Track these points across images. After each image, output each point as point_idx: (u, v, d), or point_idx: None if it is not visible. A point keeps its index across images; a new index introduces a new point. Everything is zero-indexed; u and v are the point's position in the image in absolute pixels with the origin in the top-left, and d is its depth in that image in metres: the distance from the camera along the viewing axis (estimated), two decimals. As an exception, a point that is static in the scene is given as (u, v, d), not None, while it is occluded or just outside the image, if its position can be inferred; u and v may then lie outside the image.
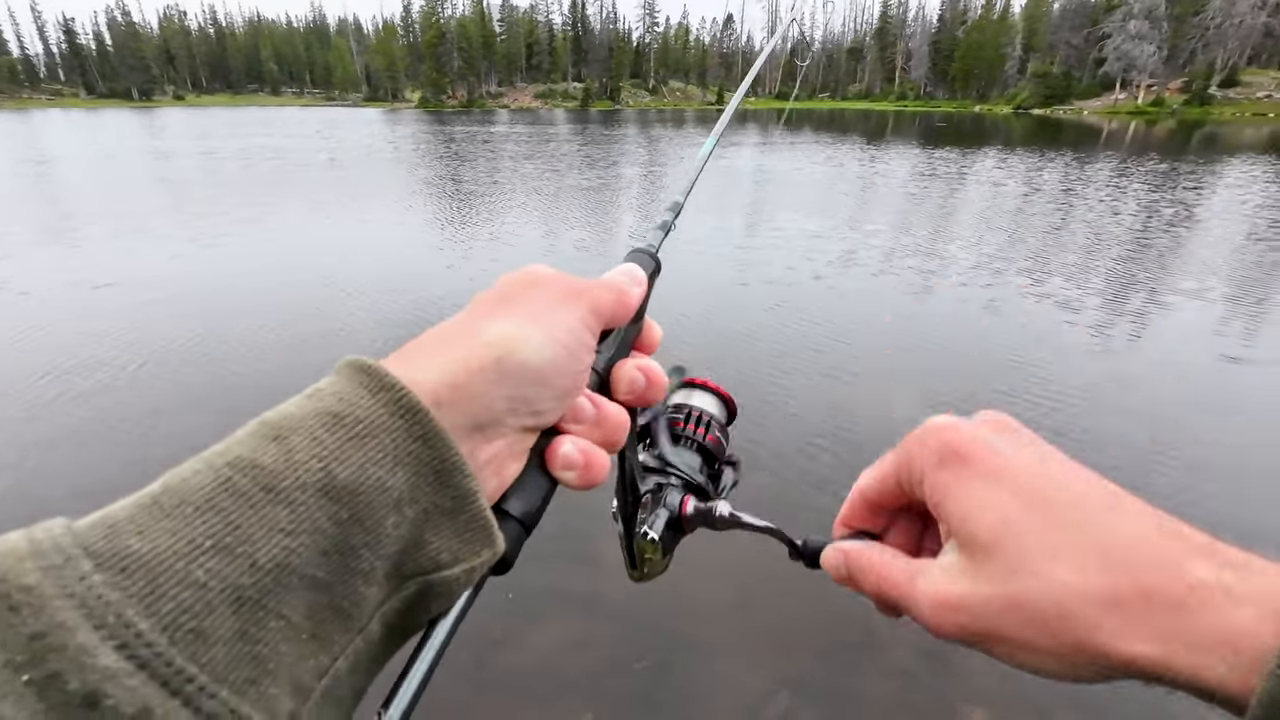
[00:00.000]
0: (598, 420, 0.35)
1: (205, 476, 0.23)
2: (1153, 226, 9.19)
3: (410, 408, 0.27)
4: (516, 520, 0.32)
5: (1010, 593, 0.27)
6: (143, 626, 0.19)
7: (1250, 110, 53.36)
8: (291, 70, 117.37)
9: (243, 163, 16.92)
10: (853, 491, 0.38)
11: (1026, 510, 0.29)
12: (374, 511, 0.25)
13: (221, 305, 5.65)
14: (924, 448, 0.33)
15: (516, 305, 0.33)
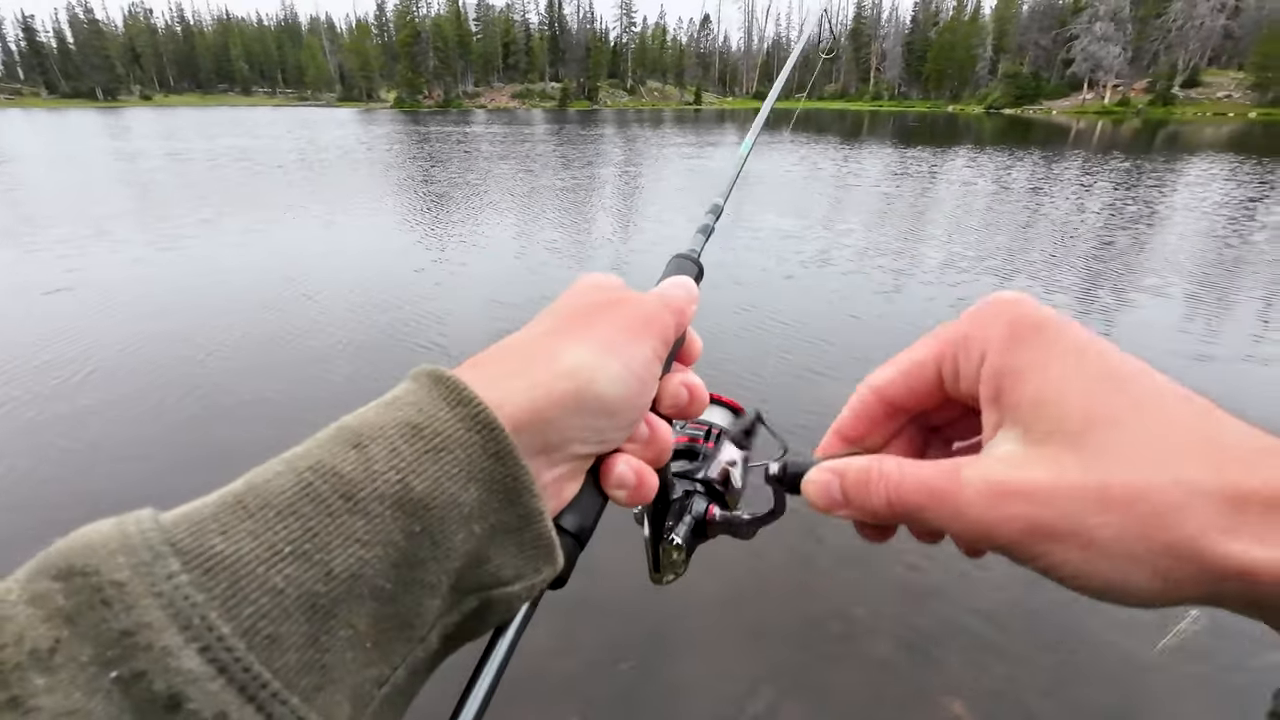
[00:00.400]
0: (650, 441, 0.35)
1: (287, 479, 0.23)
2: (1116, 224, 9.43)
3: (487, 424, 0.27)
4: (572, 536, 0.33)
5: (1107, 482, 0.24)
6: (225, 630, 0.20)
7: (1211, 110, 55.00)
8: (263, 69, 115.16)
9: (209, 164, 16.54)
10: (859, 393, 0.34)
11: (1123, 395, 0.25)
12: (445, 526, 0.25)
13: (179, 310, 5.53)
14: (990, 323, 0.29)
15: (594, 329, 0.33)
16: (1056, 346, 0.27)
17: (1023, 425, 0.27)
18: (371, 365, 4.47)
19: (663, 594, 2.51)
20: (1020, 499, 0.25)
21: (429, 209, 10.68)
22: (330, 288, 6.13)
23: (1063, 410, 0.25)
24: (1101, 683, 2.15)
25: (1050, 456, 0.25)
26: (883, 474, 0.29)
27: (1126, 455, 0.24)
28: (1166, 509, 0.23)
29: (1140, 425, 0.24)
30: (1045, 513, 0.24)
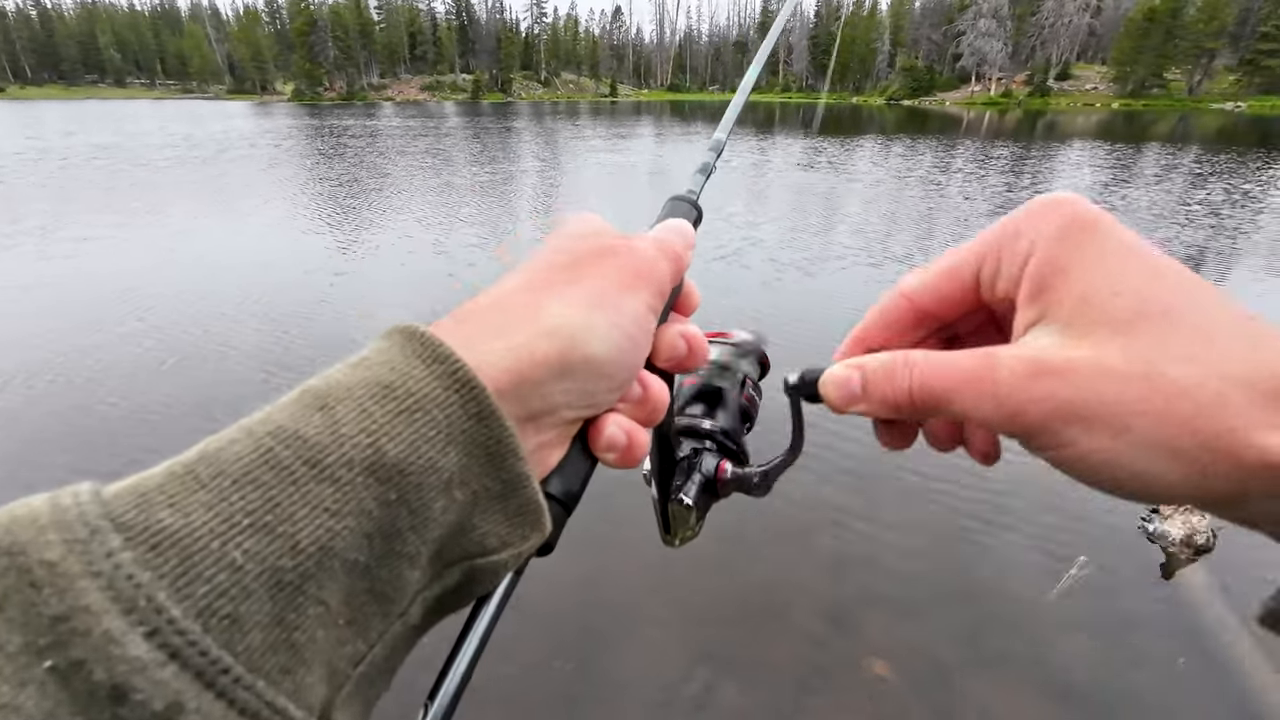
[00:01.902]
0: (643, 400, 0.33)
1: (245, 446, 0.21)
2: (1010, 206, 10.18)
3: (467, 382, 0.25)
4: (558, 501, 0.31)
5: (1149, 370, 0.23)
6: (175, 612, 0.17)
7: (1081, 101, 60.36)
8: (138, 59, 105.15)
9: (61, 163, 14.78)
10: (890, 297, 0.32)
11: (1174, 291, 0.25)
12: (423, 493, 0.23)
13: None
14: (1041, 220, 0.27)
15: (581, 282, 0.30)
16: (1108, 244, 0.26)
17: (1064, 321, 0.26)
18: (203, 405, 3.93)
19: (592, 588, 2.51)
20: (1056, 377, 0.24)
21: (320, 209, 9.89)
22: (184, 303, 5.48)
23: (1112, 304, 0.25)
24: (1005, 629, 2.33)
25: (1094, 342, 0.24)
26: (909, 362, 0.28)
27: (1173, 347, 0.23)
28: (1208, 401, 0.22)
29: (1188, 320, 0.24)
30: (1082, 394, 0.24)
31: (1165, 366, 0.23)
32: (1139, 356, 0.23)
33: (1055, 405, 0.24)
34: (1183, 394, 0.23)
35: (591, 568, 2.58)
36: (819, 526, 2.81)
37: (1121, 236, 0.26)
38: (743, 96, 0.51)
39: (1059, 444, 0.24)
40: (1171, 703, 2.09)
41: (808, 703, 2.08)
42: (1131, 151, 18.50)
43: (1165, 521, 2.81)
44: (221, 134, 24.04)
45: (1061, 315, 0.26)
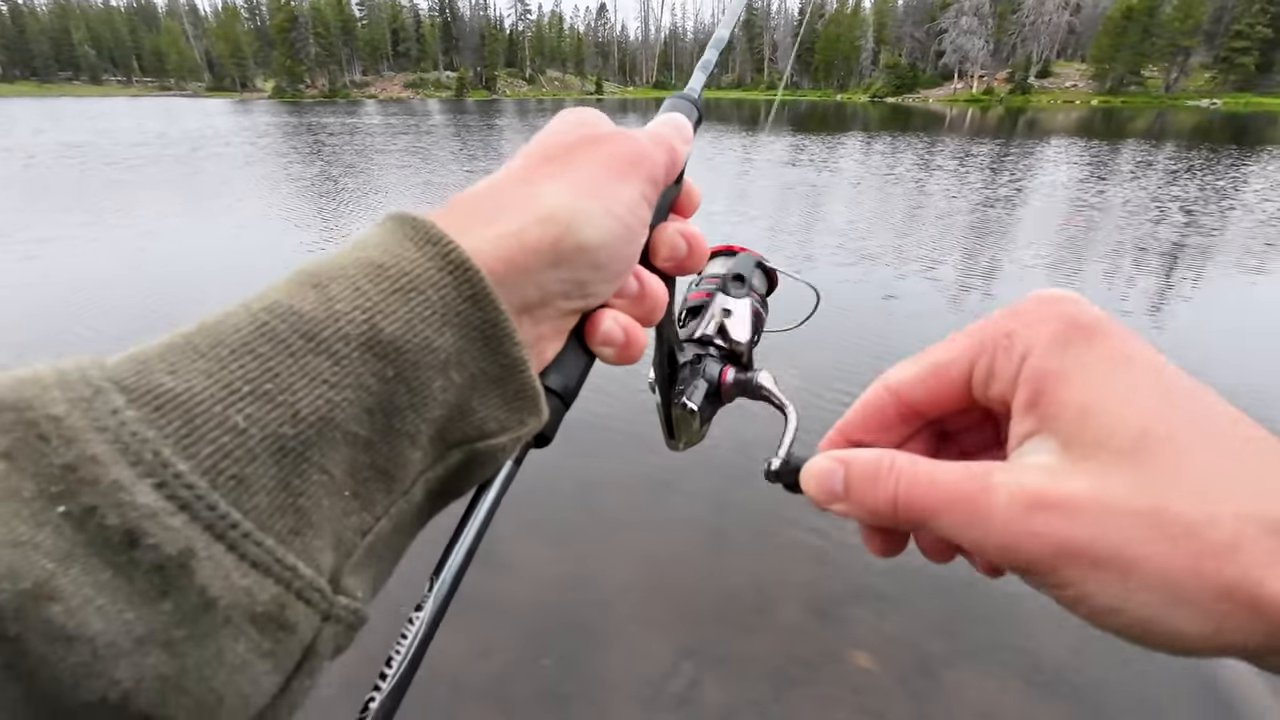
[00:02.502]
0: (639, 296, 0.33)
1: (241, 319, 0.21)
2: (991, 201, 10.29)
3: (461, 264, 0.24)
4: (556, 394, 0.31)
5: (1157, 508, 0.21)
6: (182, 468, 0.18)
7: (1061, 98, 61.16)
8: (114, 56, 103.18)
9: (27, 162, 14.40)
10: (874, 391, 0.30)
11: (1182, 414, 0.22)
12: (420, 372, 0.23)
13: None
14: (1038, 321, 0.25)
15: (573, 169, 0.29)
16: (1110, 352, 0.24)
17: (1063, 436, 0.23)
18: None
19: (578, 584, 2.50)
20: (1057, 512, 0.22)
21: (294, 209, 9.74)
22: (147, 308, 5.34)
23: (1113, 423, 0.22)
24: (988, 620, 2.36)
25: (1095, 471, 0.22)
26: (894, 467, 0.26)
27: (1183, 479, 0.21)
28: (1223, 542, 0.20)
29: (1199, 447, 0.22)
30: (1087, 533, 0.21)
31: (1174, 502, 0.21)
32: (1146, 490, 0.21)
33: (1055, 543, 0.22)
34: (1193, 534, 0.20)
35: (575, 565, 2.58)
36: (802, 520, 2.82)
37: (1126, 344, 0.24)
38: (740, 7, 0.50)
39: (1059, 584, 0.22)
40: (1153, 691, 2.12)
41: (791, 695, 2.09)
42: (1110, 148, 18.77)
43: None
44: (196, 132, 23.62)
45: (1060, 429, 0.24)
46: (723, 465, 3.22)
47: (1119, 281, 6.38)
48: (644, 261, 0.34)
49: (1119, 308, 5.64)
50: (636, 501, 3.01)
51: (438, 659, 2.20)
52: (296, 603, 0.20)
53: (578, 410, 0.32)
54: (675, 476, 3.16)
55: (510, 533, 0.38)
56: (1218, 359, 4.60)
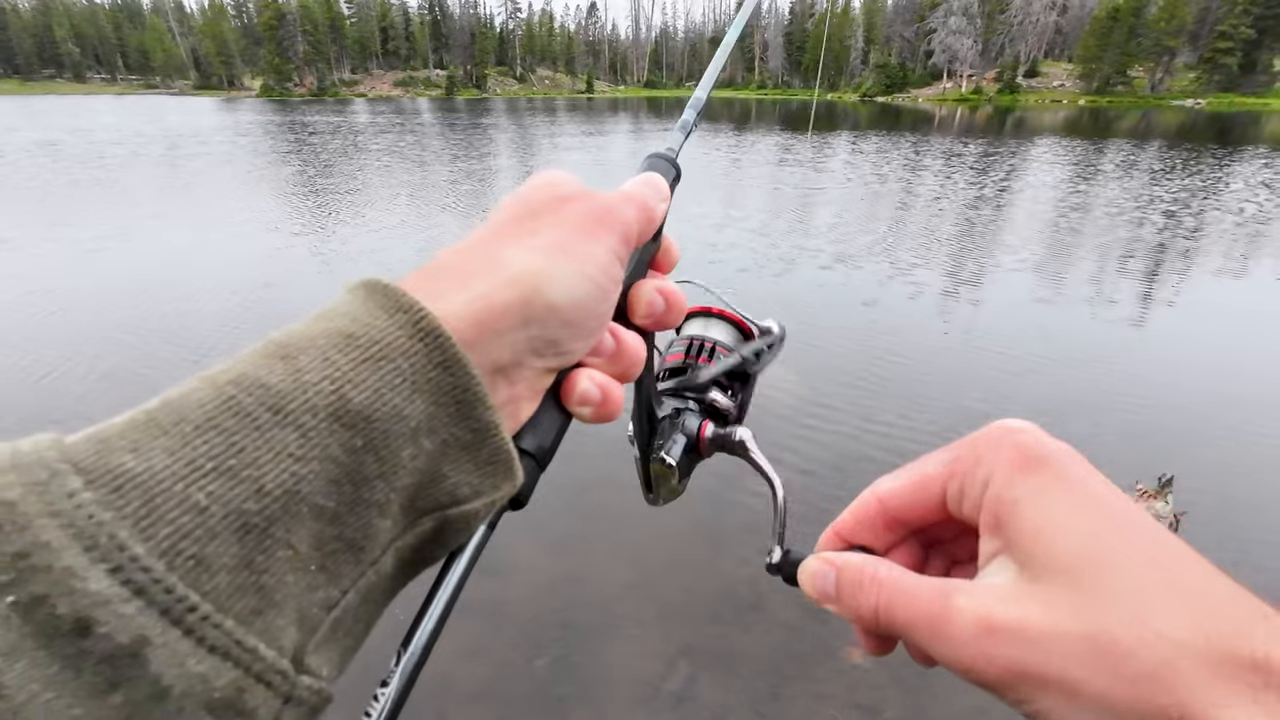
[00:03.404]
0: (616, 354, 0.33)
1: (206, 393, 0.21)
2: (982, 199, 10.37)
3: (431, 331, 0.24)
4: (531, 456, 0.30)
5: (1096, 632, 0.22)
6: (138, 550, 0.17)
7: (1049, 97, 61.64)
8: (98, 53, 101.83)
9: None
10: (864, 498, 0.33)
11: (1121, 539, 0.24)
12: (390, 441, 0.23)
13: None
14: (997, 449, 0.28)
15: (543, 230, 0.30)
16: (1059, 481, 0.26)
17: (1020, 558, 0.26)
18: None
19: (574, 584, 2.51)
20: (1010, 639, 0.24)
21: (266, 208, 9.66)
22: (97, 313, 5.17)
23: (1058, 546, 0.24)
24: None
25: (1043, 596, 0.24)
26: (876, 579, 0.28)
27: (1117, 604, 0.23)
28: (1155, 668, 0.22)
29: (1133, 573, 0.23)
30: (1034, 657, 0.23)
31: (1111, 625, 0.22)
32: (1086, 613, 0.23)
33: (1008, 666, 0.24)
34: (1126, 659, 0.22)
35: (571, 567, 2.58)
36: (796, 518, 2.83)
37: (1075, 473, 0.26)
38: (725, 51, 0.52)
39: (1017, 700, 0.24)
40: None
41: (786, 692, 2.11)
42: (1096, 148, 18.95)
43: (1129, 507, 2.89)
44: (176, 130, 23.38)
45: (1016, 552, 0.26)
46: (717, 466, 3.23)
47: (1105, 280, 6.46)
48: (621, 318, 0.34)
49: (1104, 306, 5.70)
50: (630, 501, 3.01)
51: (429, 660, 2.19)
52: (256, 686, 0.19)
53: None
54: (669, 476, 3.17)
55: (502, 533, 0.36)
56: (1199, 357, 4.67)
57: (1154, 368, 4.49)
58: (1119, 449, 3.49)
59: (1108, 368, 4.46)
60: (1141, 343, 5.00)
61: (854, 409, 3.79)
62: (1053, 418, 3.76)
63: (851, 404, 3.85)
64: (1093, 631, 0.22)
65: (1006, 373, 4.36)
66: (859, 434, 3.54)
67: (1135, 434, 3.65)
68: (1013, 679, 0.24)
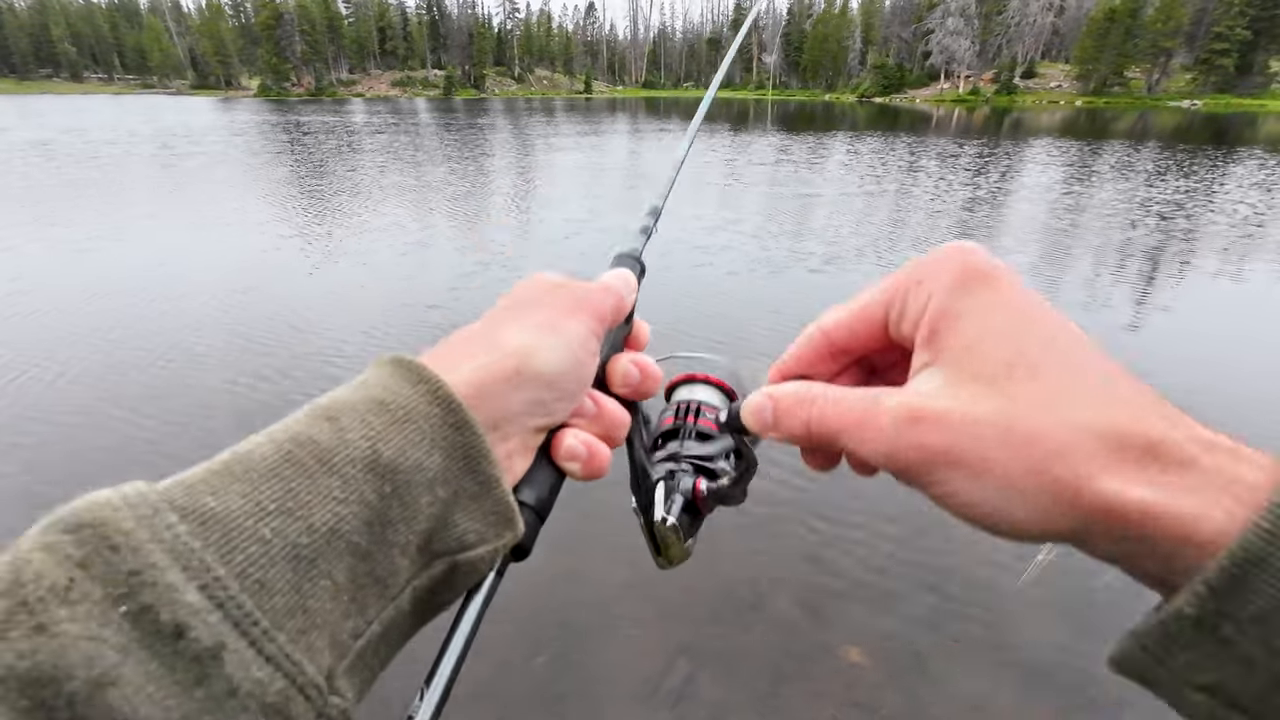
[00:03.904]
0: (597, 415, 0.38)
1: (269, 449, 0.26)
2: (978, 202, 10.39)
3: (447, 398, 0.30)
4: (531, 508, 0.35)
5: (1011, 417, 0.26)
6: (220, 572, 0.22)
7: (1046, 98, 61.76)
8: (95, 53, 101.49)
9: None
10: (808, 332, 0.35)
11: (1047, 346, 0.27)
12: (412, 489, 0.28)
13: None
14: (941, 269, 0.30)
15: (532, 315, 0.36)
16: (997, 297, 0.28)
17: (950, 366, 0.28)
18: None
19: (574, 583, 2.51)
20: (931, 425, 0.27)
21: (254, 209, 9.56)
22: (70, 319, 5.08)
23: (989, 355, 0.27)
24: (976, 615, 2.39)
25: (968, 393, 0.27)
26: (811, 398, 0.32)
27: (1036, 401, 0.26)
28: (1057, 449, 0.25)
29: (1053, 373, 0.26)
30: (950, 440, 0.26)
31: (1022, 416, 0.25)
32: (1004, 409, 0.26)
33: (926, 450, 0.27)
34: (1033, 442, 0.25)
35: (569, 566, 2.59)
36: (793, 519, 2.85)
37: (1010, 290, 0.29)
38: (684, 152, 0.56)
39: (930, 483, 0.28)
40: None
41: (785, 690, 2.12)
42: (1093, 148, 19.00)
43: (1126, 506, 2.90)
44: (170, 130, 23.25)
45: (948, 361, 0.28)
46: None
47: (1102, 281, 6.47)
48: (604, 389, 0.40)
49: (1101, 308, 5.72)
50: (629, 499, 3.02)
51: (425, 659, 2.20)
52: (299, 696, 0.23)
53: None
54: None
55: None
56: (1190, 355, 4.68)
57: (1152, 362, 4.51)
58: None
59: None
60: (1138, 341, 5.01)
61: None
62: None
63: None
64: (1005, 419, 0.26)
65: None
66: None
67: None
68: (930, 462, 0.27)
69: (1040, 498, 0.25)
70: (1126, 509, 0.23)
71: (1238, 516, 0.22)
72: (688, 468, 0.44)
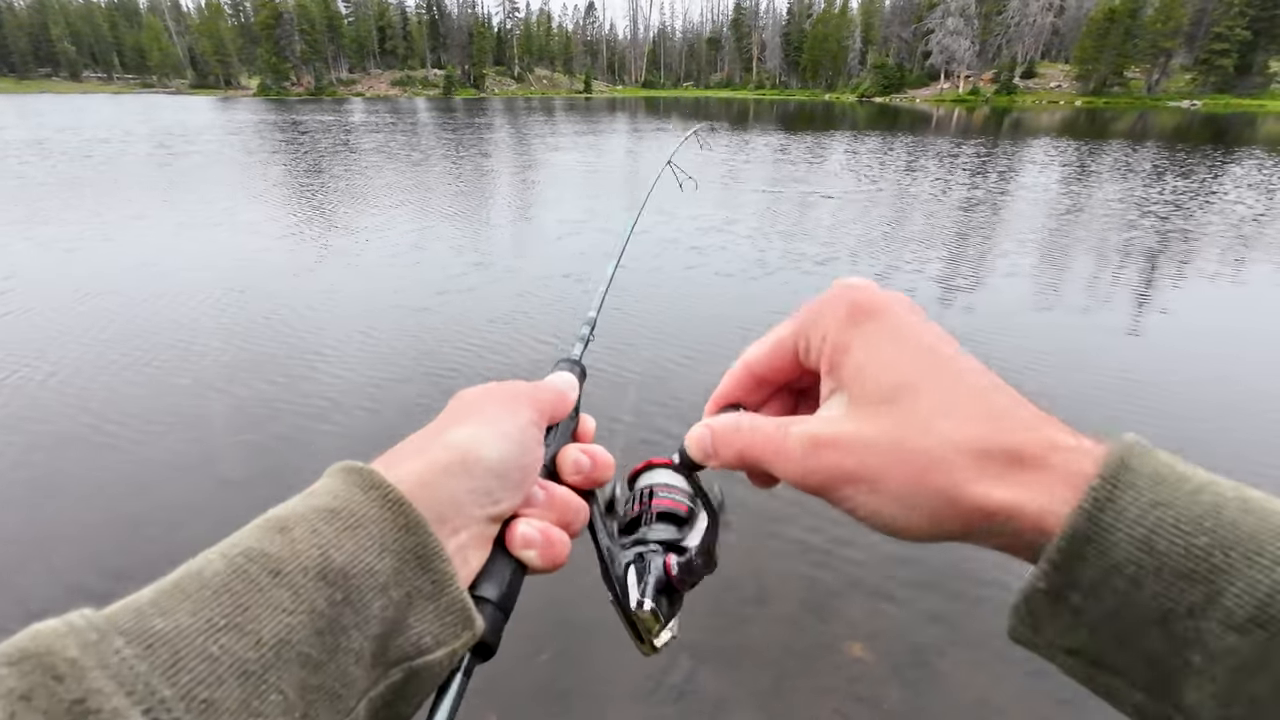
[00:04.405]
0: (549, 503, 0.40)
1: (220, 564, 0.26)
2: (977, 203, 10.38)
3: (397, 501, 0.31)
4: (491, 604, 0.34)
5: (896, 438, 0.29)
6: (166, 694, 0.22)
7: (1046, 98, 61.77)
8: (95, 52, 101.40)
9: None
10: (736, 366, 0.39)
11: (926, 370, 0.31)
12: (363, 594, 0.28)
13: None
14: (834, 304, 0.34)
15: (474, 413, 0.38)
16: (883, 327, 0.32)
17: (848, 393, 0.32)
18: None
19: (576, 583, 2.51)
20: (831, 449, 0.31)
21: (241, 210, 9.51)
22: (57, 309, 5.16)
23: (879, 380, 0.31)
24: (980, 610, 2.39)
25: (861, 417, 0.31)
26: (739, 429, 0.35)
27: (917, 420, 0.30)
28: (935, 462, 0.29)
29: (932, 395, 0.30)
30: (849, 461, 0.30)
31: (906, 436, 0.29)
32: (893, 429, 0.30)
33: (829, 471, 0.31)
34: (915, 457, 0.29)
35: (571, 563, 2.58)
36: (797, 516, 2.85)
37: (893, 319, 0.33)
38: (608, 281, 0.61)
39: (837, 499, 0.31)
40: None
41: (787, 686, 2.12)
42: (1092, 148, 19.01)
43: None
44: (165, 129, 23.20)
45: (846, 387, 0.32)
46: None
47: (1102, 281, 6.48)
48: (557, 479, 0.42)
49: (1102, 308, 5.72)
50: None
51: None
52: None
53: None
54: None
55: None
56: (1192, 355, 4.68)
57: (1152, 366, 4.51)
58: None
59: (1103, 366, 4.48)
60: (1137, 342, 5.01)
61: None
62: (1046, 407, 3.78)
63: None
64: (894, 438, 0.30)
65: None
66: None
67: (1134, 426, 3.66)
68: (833, 480, 0.31)
69: (928, 505, 0.29)
70: (994, 509, 0.28)
71: (1071, 502, 0.26)
72: (656, 548, 0.44)
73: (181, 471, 3.18)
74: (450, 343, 4.68)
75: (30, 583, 2.52)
